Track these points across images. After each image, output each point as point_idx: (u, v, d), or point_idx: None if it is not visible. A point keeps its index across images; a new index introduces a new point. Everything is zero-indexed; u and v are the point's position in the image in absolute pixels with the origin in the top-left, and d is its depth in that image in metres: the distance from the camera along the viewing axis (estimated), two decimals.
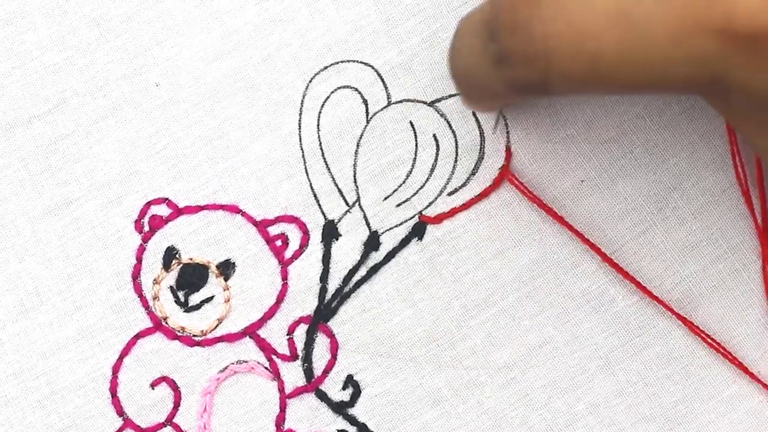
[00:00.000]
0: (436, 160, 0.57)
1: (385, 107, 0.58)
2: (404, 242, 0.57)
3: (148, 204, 0.57)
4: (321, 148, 0.57)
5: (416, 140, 0.57)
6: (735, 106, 0.44)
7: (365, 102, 0.58)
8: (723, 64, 0.41)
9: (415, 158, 0.57)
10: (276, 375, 0.56)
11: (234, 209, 0.57)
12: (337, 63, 0.58)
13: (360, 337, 0.56)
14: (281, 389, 0.56)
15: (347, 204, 0.57)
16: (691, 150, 0.57)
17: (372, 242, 0.57)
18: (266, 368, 0.56)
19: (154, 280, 0.57)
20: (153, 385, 0.56)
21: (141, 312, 0.56)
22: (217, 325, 0.56)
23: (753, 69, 0.41)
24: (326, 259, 0.57)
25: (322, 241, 0.57)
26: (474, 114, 0.57)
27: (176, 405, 0.56)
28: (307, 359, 0.56)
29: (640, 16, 0.41)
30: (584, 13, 0.42)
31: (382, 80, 0.58)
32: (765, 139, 0.46)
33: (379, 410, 0.56)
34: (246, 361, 0.56)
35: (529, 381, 0.56)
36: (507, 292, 0.57)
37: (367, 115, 0.58)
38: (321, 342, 0.56)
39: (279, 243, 0.57)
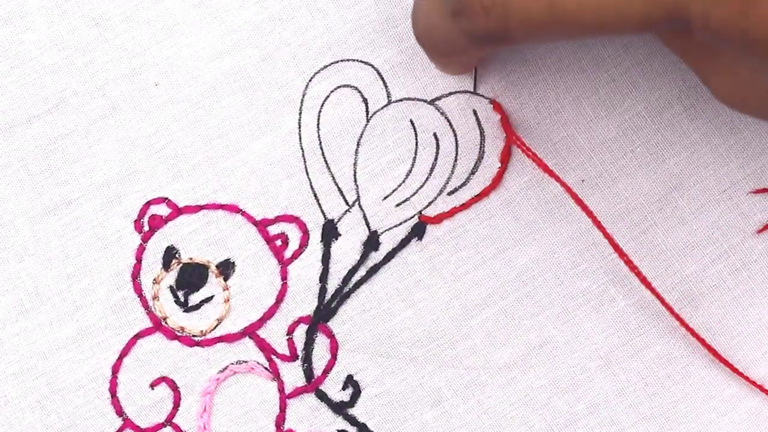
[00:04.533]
0: (435, 159, 0.57)
1: (385, 106, 0.58)
2: (404, 242, 0.57)
3: (148, 204, 0.57)
4: (321, 147, 0.57)
5: (416, 139, 0.57)
6: (694, 44, 0.44)
7: (365, 101, 0.58)
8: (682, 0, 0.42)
9: (415, 157, 0.57)
10: (276, 375, 0.56)
11: (234, 209, 0.57)
12: (337, 62, 0.58)
13: (360, 337, 0.56)
14: (281, 389, 0.56)
15: (347, 203, 0.57)
16: (691, 150, 0.57)
17: (371, 242, 0.57)
18: (266, 368, 0.56)
19: (154, 279, 0.57)
20: (153, 386, 0.56)
21: (141, 312, 0.56)
22: (216, 325, 0.56)
23: (711, 5, 0.41)
24: (326, 259, 0.57)
25: (321, 241, 0.57)
26: (474, 112, 0.57)
27: (176, 405, 0.56)
28: (307, 359, 0.56)
29: None
30: None
31: (382, 79, 0.58)
32: (723, 78, 0.46)
33: (379, 410, 0.56)
34: (246, 362, 0.56)
35: (529, 381, 0.56)
36: (507, 292, 0.57)
37: (368, 113, 0.58)
38: (321, 342, 0.56)
39: (279, 243, 0.57)
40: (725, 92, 0.48)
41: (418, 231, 0.57)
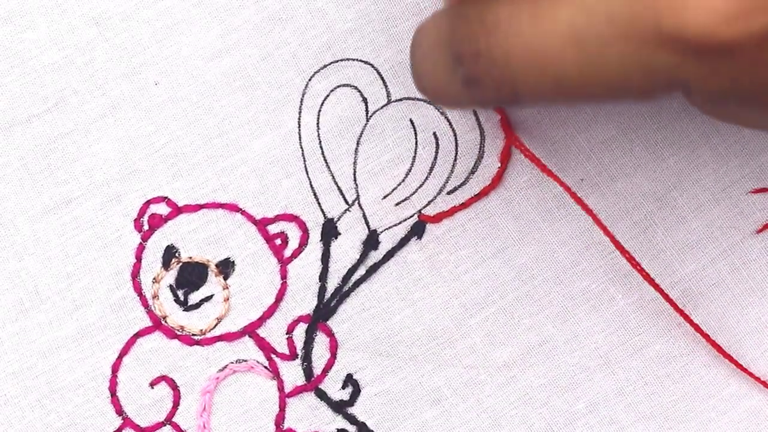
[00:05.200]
0: (435, 158, 0.57)
1: (385, 105, 0.58)
2: (404, 241, 0.57)
3: (148, 203, 0.57)
4: (321, 147, 0.57)
5: (416, 138, 0.57)
6: (699, 104, 0.45)
7: (365, 100, 0.58)
8: (678, 72, 0.42)
9: (414, 156, 0.57)
10: (275, 374, 0.56)
11: (233, 208, 0.57)
12: (337, 61, 0.58)
13: (359, 336, 0.56)
14: (281, 388, 0.56)
15: (347, 202, 0.57)
16: (690, 149, 0.57)
17: (371, 241, 0.57)
18: (266, 367, 0.56)
19: (154, 278, 0.57)
20: (152, 384, 0.56)
21: (140, 311, 0.56)
22: (216, 324, 0.56)
23: (708, 75, 0.41)
24: (325, 258, 0.57)
25: (321, 240, 0.57)
26: (474, 112, 0.57)
27: (175, 404, 0.56)
28: (307, 358, 0.56)
29: (592, 36, 0.42)
30: (539, 36, 0.43)
31: (382, 78, 0.58)
32: (705, 101, 0.47)
33: (379, 409, 0.56)
34: (245, 360, 0.56)
35: (528, 380, 0.56)
36: (506, 291, 0.57)
37: (367, 113, 0.58)
38: (320, 341, 0.56)
39: (278, 242, 0.57)
40: (707, 110, 0.48)
41: (417, 230, 0.57)
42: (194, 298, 0.56)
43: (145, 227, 0.57)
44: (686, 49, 0.41)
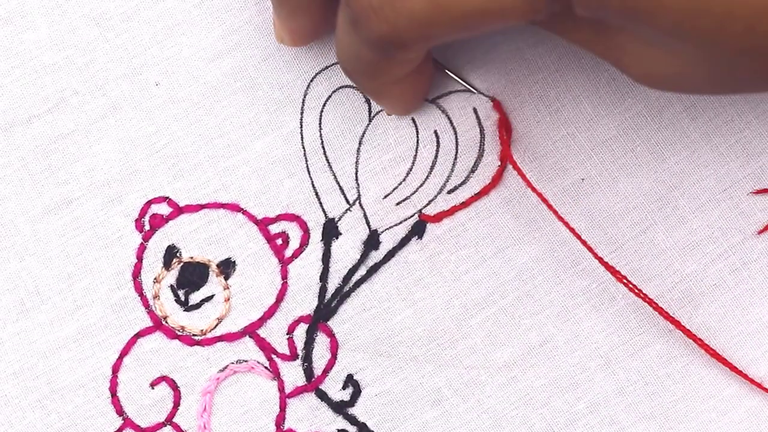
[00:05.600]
0: (436, 157, 0.57)
1: None
2: (404, 241, 0.57)
3: (149, 203, 0.57)
4: (323, 146, 0.57)
5: (418, 137, 0.57)
6: (581, 28, 0.45)
7: (368, 101, 0.58)
8: None
9: (415, 155, 0.57)
10: (276, 374, 0.56)
11: (235, 208, 0.57)
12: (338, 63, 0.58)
13: (360, 336, 0.56)
14: (281, 389, 0.56)
15: (348, 202, 0.57)
16: (691, 149, 0.57)
17: (372, 241, 0.57)
18: (266, 368, 0.56)
19: (155, 279, 0.57)
20: (153, 385, 0.56)
21: (141, 311, 0.56)
22: (216, 325, 0.56)
23: None
24: (326, 257, 0.57)
25: (322, 240, 0.57)
26: (474, 110, 0.57)
27: (176, 404, 0.56)
28: (307, 359, 0.56)
29: None
30: None
31: None
32: (634, 59, 0.46)
33: (379, 410, 0.56)
34: (246, 361, 0.56)
35: (529, 380, 0.56)
36: (507, 291, 0.57)
37: (370, 113, 0.58)
38: (321, 341, 0.56)
39: (279, 241, 0.57)
40: (641, 73, 0.47)
41: (418, 230, 0.57)
42: (195, 298, 0.56)
43: (146, 227, 0.57)
44: None
